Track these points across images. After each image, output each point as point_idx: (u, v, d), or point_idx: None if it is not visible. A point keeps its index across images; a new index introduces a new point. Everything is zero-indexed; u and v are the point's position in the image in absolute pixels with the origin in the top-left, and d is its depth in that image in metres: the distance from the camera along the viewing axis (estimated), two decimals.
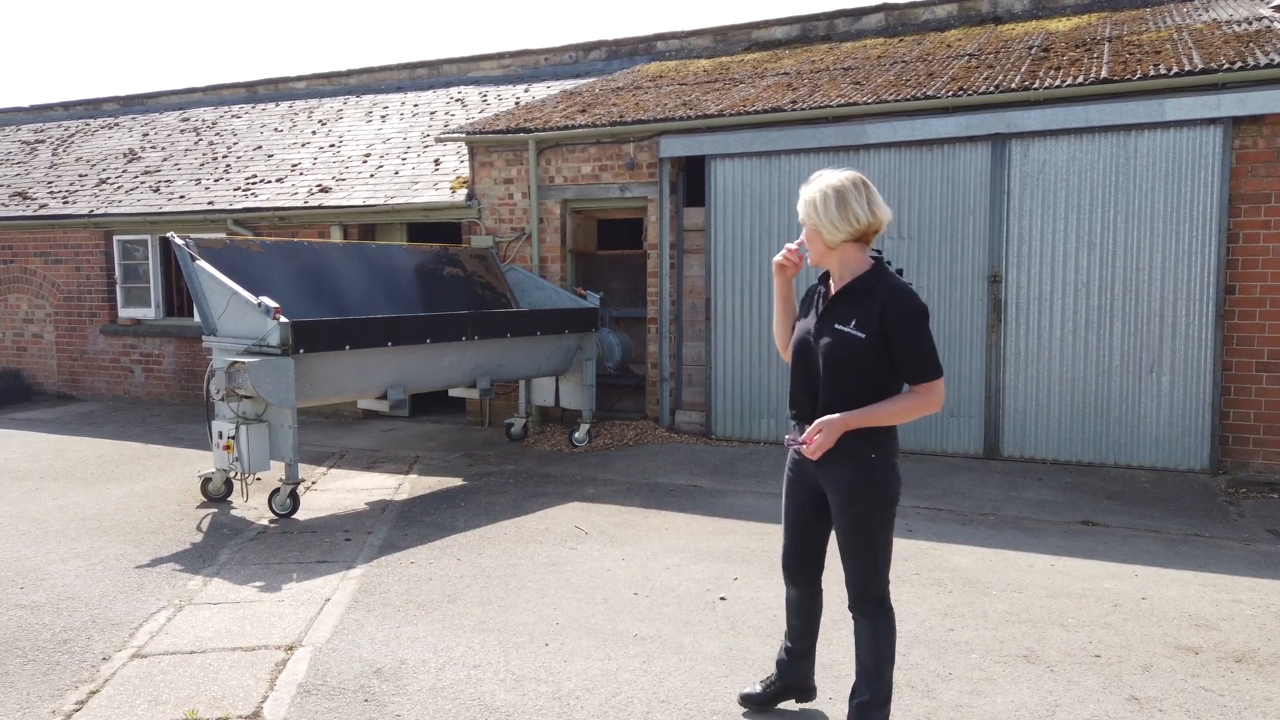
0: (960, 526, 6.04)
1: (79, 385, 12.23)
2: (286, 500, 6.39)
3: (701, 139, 8.58)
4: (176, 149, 13.83)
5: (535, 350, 8.28)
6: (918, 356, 2.83)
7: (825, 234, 2.91)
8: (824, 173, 2.99)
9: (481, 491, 7.06)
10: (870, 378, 2.86)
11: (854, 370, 2.86)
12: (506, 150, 9.56)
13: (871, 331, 2.82)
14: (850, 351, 2.85)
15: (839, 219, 2.88)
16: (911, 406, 2.84)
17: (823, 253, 2.97)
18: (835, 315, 2.93)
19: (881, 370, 2.85)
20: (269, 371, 6.10)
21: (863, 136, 7.96)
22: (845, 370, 2.86)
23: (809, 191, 2.97)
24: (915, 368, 2.84)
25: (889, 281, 2.89)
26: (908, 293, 2.86)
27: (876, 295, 2.85)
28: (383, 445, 9.01)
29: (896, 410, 2.84)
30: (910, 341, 2.81)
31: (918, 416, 2.86)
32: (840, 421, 2.83)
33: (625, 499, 6.77)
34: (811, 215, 2.94)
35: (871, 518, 2.92)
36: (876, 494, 2.91)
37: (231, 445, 6.36)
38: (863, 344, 2.83)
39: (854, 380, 2.86)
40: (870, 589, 2.99)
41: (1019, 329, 7.65)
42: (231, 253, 7.05)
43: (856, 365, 2.85)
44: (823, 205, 2.91)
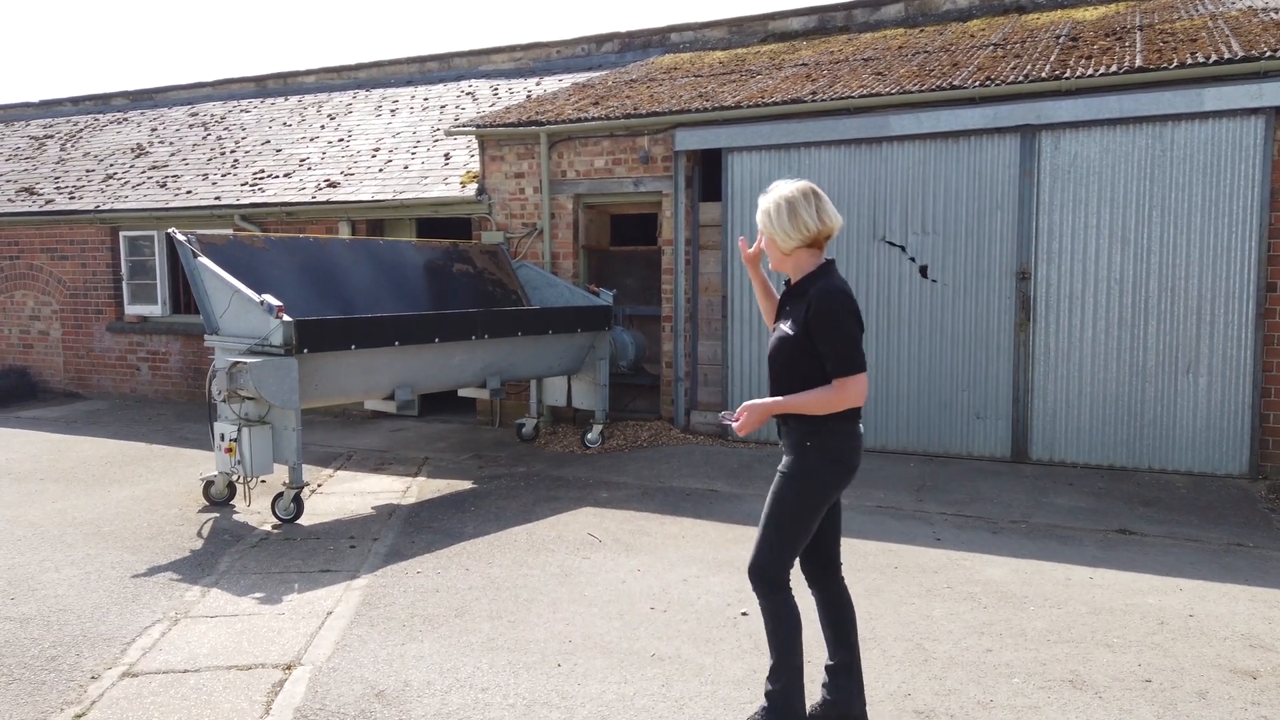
0: (991, 535, 5.77)
1: (85, 383, 12.08)
2: (290, 505, 6.19)
3: (718, 131, 8.32)
4: (184, 144, 13.66)
5: (547, 349, 8.05)
6: (833, 353, 2.98)
7: (779, 241, 3.10)
8: (779, 184, 3.16)
9: (491, 495, 6.84)
10: (803, 373, 3.03)
11: (788, 365, 3.07)
12: (518, 144, 9.32)
13: (799, 330, 3.02)
14: (784, 348, 3.07)
15: (790, 228, 3.06)
16: (827, 399, 2.98)
17: (780, 259, 3.16)
18: (782, 316, 3.16)
19: (808, 365, 3.02)
20: (272, 372, 5.89)
21: (885, 129, 7.68)
22: (781, 365, 3.09)
23: (765, 202, 3.14)
24: (831, 363, 2.99)
25: (821, 283, 3.06)
26: (830, 293, 3.01)
27: (808, 295, 3.04)
28: (391, 446, 8.80)
29: (813, 400, 2.99)
30: (826, 338, 2.98)
31: (836, 409, 2.99)
32: (762, 406, 3.05)
33: (640, 504, 6.54)
34: (766, 224, 3.12)
35: (787, 496, 3.07)
36: (802, 479, 3.05)
37: (234, 448, 6.16)
38: (791, 340, 3.05)
39: (789, 374, 3.06)
40: (763, 566, 3.11)
41: (1048, 328, 7.37)
42: (235, 249, 6.84)
43: (790, 361, 3.06)
44: (775, 215, 3.09)
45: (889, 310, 7.84)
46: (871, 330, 7.91)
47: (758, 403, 3.06)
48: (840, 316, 2.98)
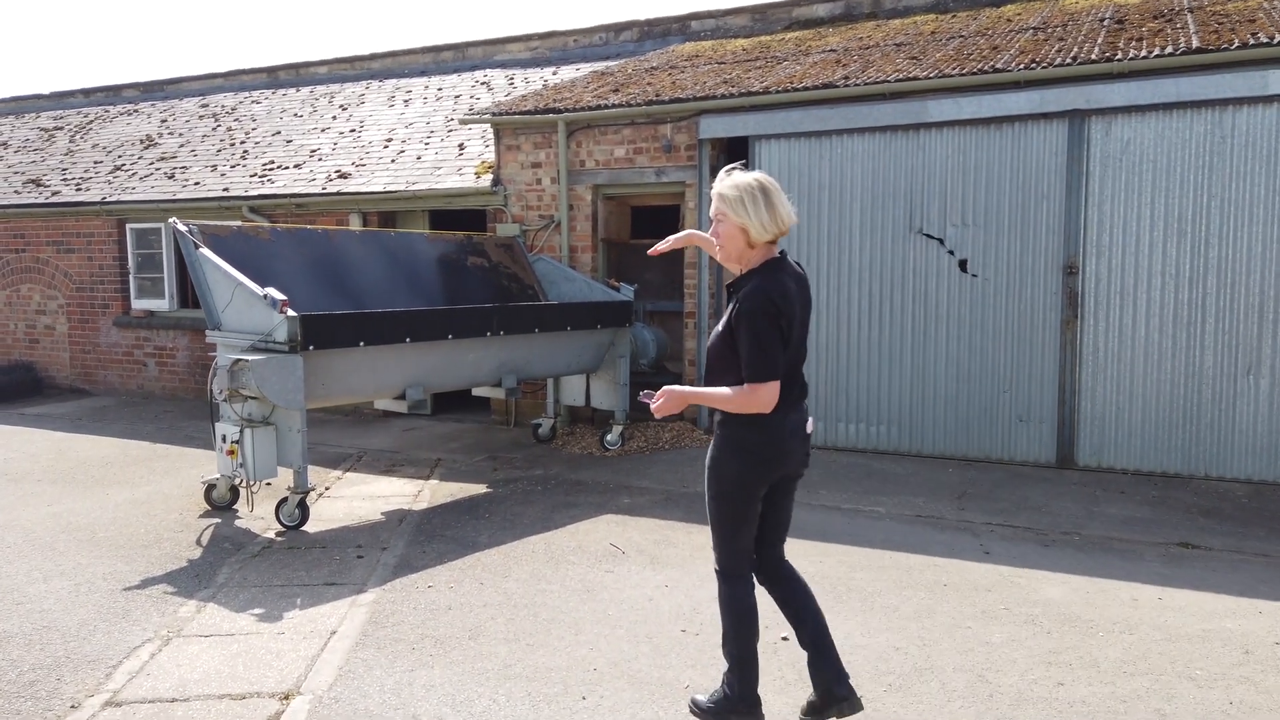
0: (1042, 549, 5.37)
1: (91, 379, 11.81)
2: (295, 510, 5.85)
3: (745, 118, 7.92)
4: (194, 135, 13.37)
5: (565, 346, 7.69)
6: (747, 357, 2.90)
7: (754, 232, 2.92)
8: (736, 170, 3.01)
9: (507, 501, 6.48)
10: (727, 369, 2.98)
11: (717, 360, 3.02)
12: (534, 132, 8.95)
13: (726, 327, 2.95)
14: (715, 343, 3.03)
15: (769, 220, 2.92)
16: (733, 399, 2.92)
17: (742, 251, 2.98)
18: (725, 309, 3.09)
19: (735, 364, 2.95)
20: (275, 370, 5.55)
21: (923, 114, 7.27)
22: (714, 361, 3.04)
23: (730, 188, 2.94)
24: (745, 367, 2.91)
25: (754, 282, 2.93)
26: (753, 293, 2.89)
27: (739, 293, 2.94)
28: (402, 446, 8.46)
29: (722, 398, 2.94)
30: (743, 341, 2.89)
31: (740, 410, 2.93)
32: (680, 394, 3.02)
33: (664, 511, 6.16)
34: (740, 213, 2.91)
35: (710, 487, 3.10)
36: (715, 468, 3.08)
37: (236, 450, 5.83)
38: (719, 338, 2.99)
39: (717, 370, 3.03)
40: (716, 556, 3.20)
41: (1098, 325, 6.94)
42: (239, 241, 6.51)
43: (718, 356, 3.01)
44: (752, 204, 2.91)
45: (926, 307, 7.43)
46: (907, 327, 7.50)
47: (677, 389, 3.03)
48: (757, 320, 2.87)
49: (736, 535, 3.11)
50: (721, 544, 3.15)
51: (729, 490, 3.06)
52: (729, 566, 3.15)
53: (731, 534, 3.11)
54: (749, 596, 3.15)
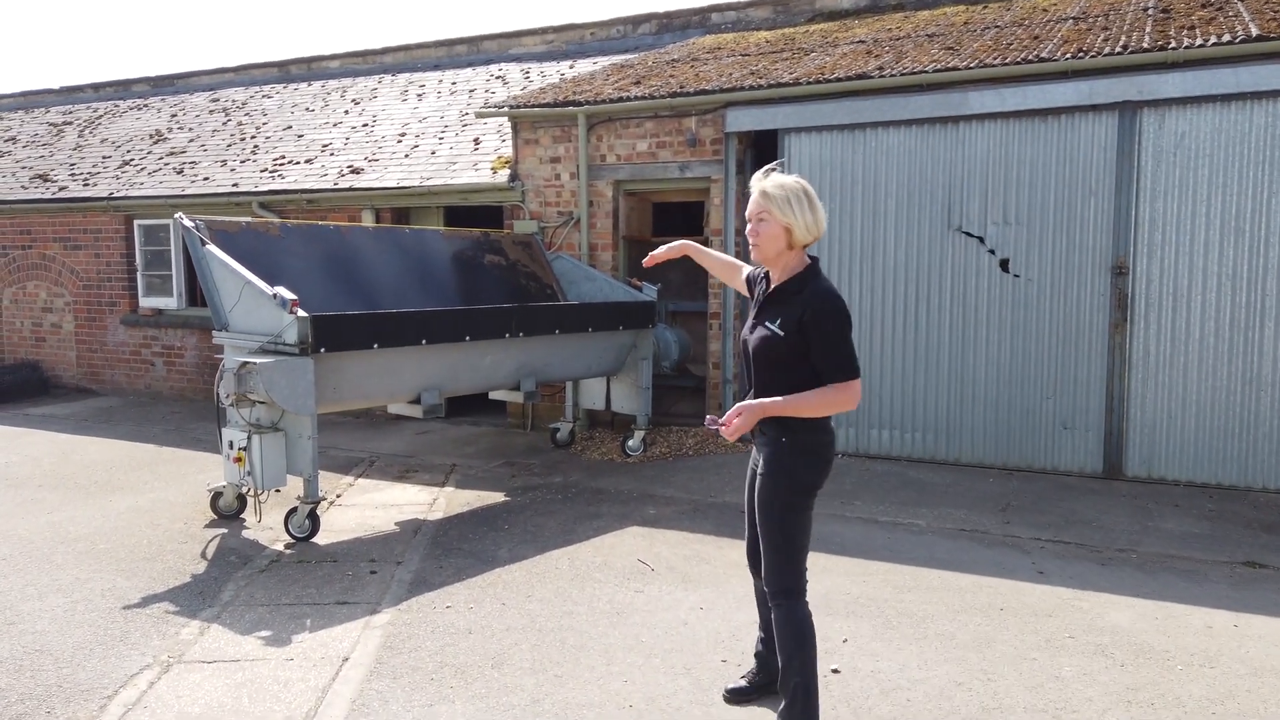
0: (1099, 567, 5.03)
1: (98, 378, 11.56)
2: (305, 521, 5.55)
3: (774, 111, 7.59)
4: (204, 130, 13.12)
5: (586, 348, 7.37)
6: (831, 356, 2.88)
7: (799, 233, 2.90)
8: (776, 172, 2.98)
9: (526, 510, 6.17)
10: (790, 373, 2.91)
11: (774, 365, 2.93)
12: (553, 126, 8.64)
13: (790, 330, 2.89)
14: (771, 349, 2.93)
15: (813, 222, 2.92)
16: (827, 400, 2.88)
17: (781, 251, 2.95)
18: (767, 313, 3.00)
19: (800, 367, 2.91)
20: (284, 374, 5.25)
21: (963, 106, 6.92)
22: (767, 365, 2.95)
23: (776, 188, 2.92)
24: (828, 367, 2.89)
25: (813, 284, 2.93)
26: (827, 295, 2.92)
27: (801, 296, 2.91)
28: (416, 450, 8.17)
29: (813, 402, 2.88)
30: (825, 342, 2.88)
31: (832, 410, 2.91)
32: (757, 407, 2.89)
33: (692, 523, 5.85)
34: (787, 212, 2.89)
35: (775, 501, 2.98)
36: (783, 478, 2.96)
37: (243, 457, 5.54)
38: (780, 342, 2.91)
39: (774, 375, 2.93)
40: (778, 579, 3.02)
41: (1149, 329, 6.59)
42: (248, 237, 6.22)
43: (776, 361, 2.93)
44: (799, 205, 2.90)
45: (964, 308, 7.08)
46: (945, 330, 7.16)
47: (752, 404, 2.90)
48: (842, 321, 2.89)
49: (805, 548, 3.05)
50: (793, 561, 3.02)
51: (801, 499, 2.99)
52: (798, 584, 3.04)
53: (802, 547, 3.03)
54: (810, 615, 3.07)
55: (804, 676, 2.99)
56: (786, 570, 3.01)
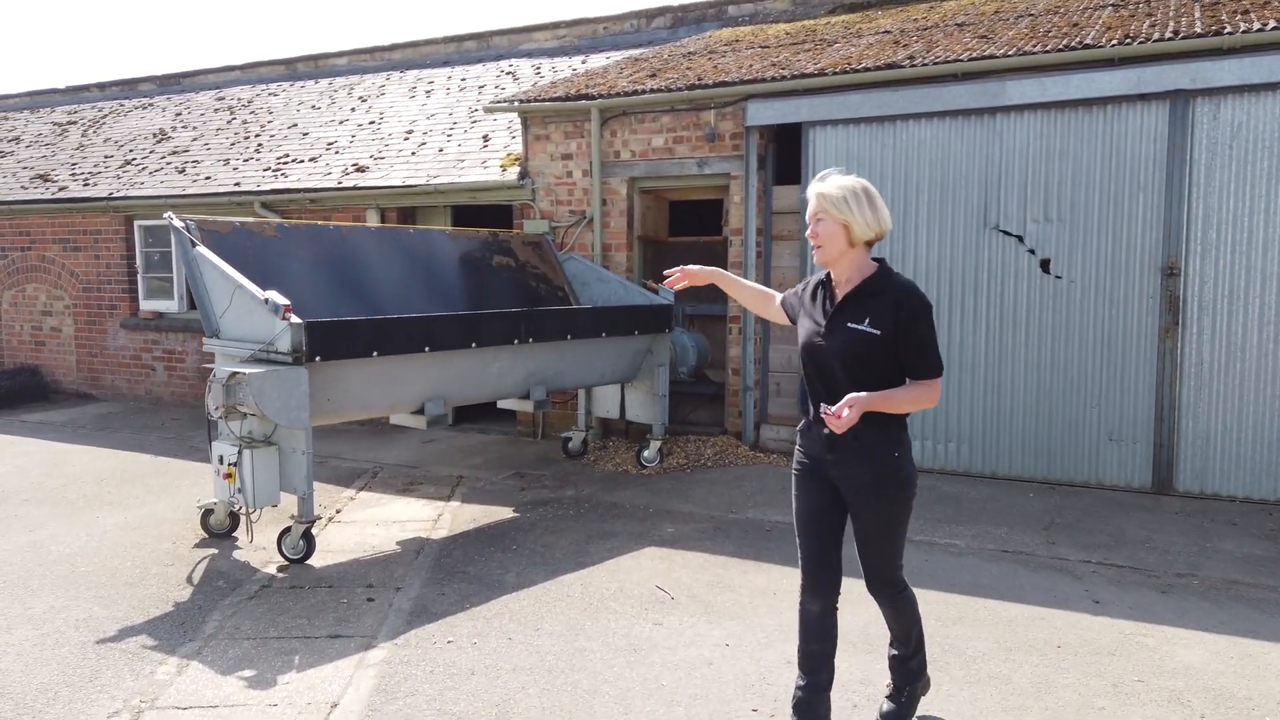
0: (1159, 595, 4.61)
1: (98, 384, 11.26)
2: (299, 542, 5.19)
3: (798, 103, 7.18)
4: (208, 128, 12.82)
5: (600, 354, 6.99)
6: (923, 352, 2.90)
7: (857, 230, 2.89)
8: (833, 172, 2.98)
9: (536, 528, 5.80)
10: (882, 373, 2.91)
11: (869, 366, 2.91)
12: (565, 121, 8.26)
13: (885, 328, 2.88)
14: (865, 349, 2.90)
15: (873, 219, 2.91)
16: (921, 397, 2.91)
17: (842, 251, 2.93)
18: (847, 315, 2.96)
19: (892, 366, 2.92)
20: (276, 385, 4.89)
21: (1001, 96, 6.50)
22: (861, 366, 2.92)
23: (834, 188, 2.91)
24: (919, 363, 2.91)
25: (896, 280, 2.96)
26: (915, 291, 2.94)
27: (888, 293, 2.90)
28: (421, 460, 7.81)
29: (910, 398, 2.90)
30: (919, 338, 2.88)
31: (924, 406, 2.94)
32: (865, 399, 2.84)
33: (713, 543, 5.45)
34: (844, 211, 2.89)
35: (897, 512, 3.02)
36: (901, 489, 2.99)
37: (233, 473, 5.18)
38: (877, 341, 2.89)
39: (869, 375, 2.91)
40: (887, 575, 3.11)
41: (1202, 334, 6.15)
42: (241, 238, 5.87)
43: (871, 361, 2.91)
44: (855, 202, 2.89)
45: (1002, 311, 6.66)
46: (981, 335, 6.74)
47: (860, 396, 2.84)
48: (930, 317, 2.92)
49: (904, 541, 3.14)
50: (899, 553, 3.11)
51: (911, 492, 3.03)
52: (901, 573, 3.17)
53: (905, 536, 3.12)
54: None
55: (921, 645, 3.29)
56: (897, 562, 3.11)
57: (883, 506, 2.98)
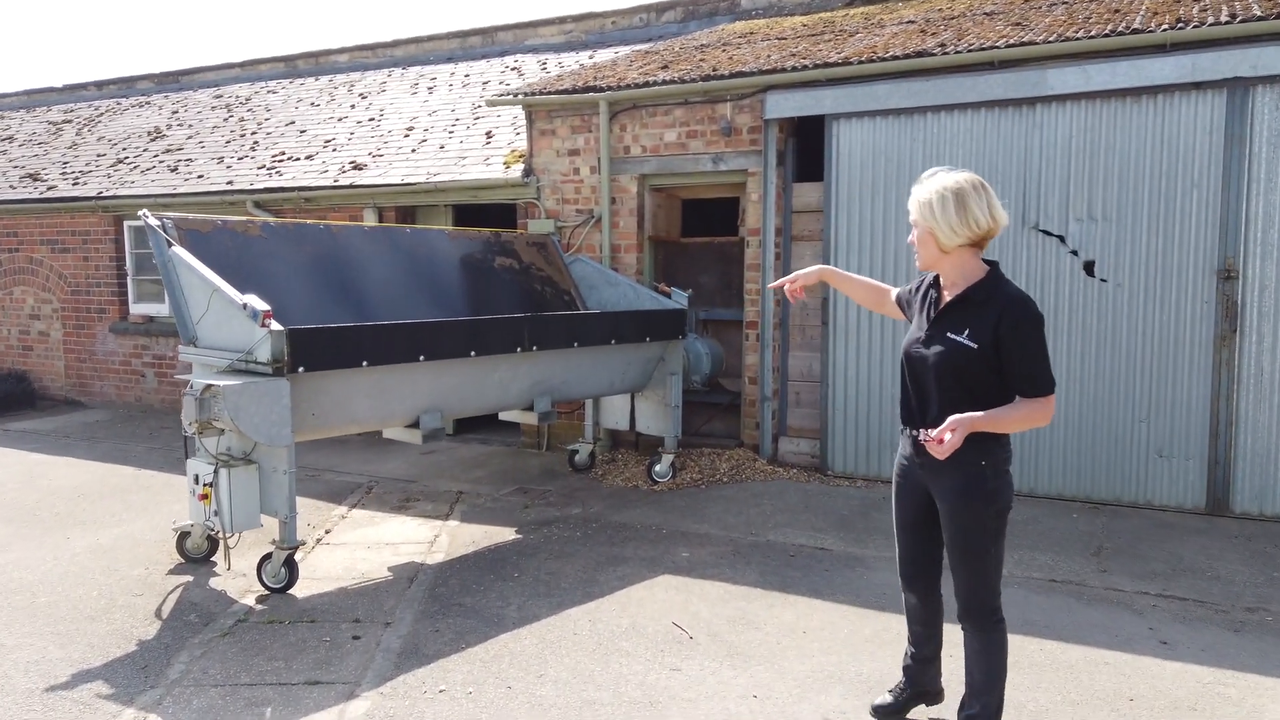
0: (1232, 635, 4.14)
1: (87, 390, 10.85)
2: (280, 570, 4.75)
3: (821, 94, 6.73)
4: (204, 126, 12.42)
5: (609, 362, 6.55)
6: (1033, 368, 2.71)
7: (942, 238, 2.76)
8: (939, 171, 2.82)
9: (540, 552, 5.35)
10: (980, 390, 2.75)
11: (964, 381, 2.76)
12: (572, 114, 7.82)
13: (985, 342, 2.72)
14: (963, 362, 2.75)
15: (958, 223, 2.74)
16: (1032, 415, 2.72)
17: (936, 257, 2.84)
18: (948, 324, 2.83)
19: (991, 382, 2.75)
20: (254, 398, 4.45)
21: (1041, 86, 6.04)
22: (956, 381, 2.77)
23: (924, 192, 2.81)
24: (1029, 380, 2.71)
25: (1005, 289, 2.78)
26: (1025, 300, 2.74)
27: (993, 303, 2.74)
28: (419, 474, 7.37)
29: (1019, 417, 2.73)
30: (1026, 352, 2.70)
31: (1036, 424, 2.75)
32: (968, 421, 2.68)
33: (734, 569, 5.00)
34: (928, 217, 2.78)
35: (983, 526, 2.84)
36: (987, 502, 2.81)
37: (209, 494, 4.75)
38: (975, 354, 2.73)
39: (964, 392, 2.76)
40: (981, 599, 2.91)
41: (1262, 342, 5.68)
42: (223, 238, 5.44)
43: (967, 376, 2.75)
44: (940, 207, 2.75)
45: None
46: None
47: (964, 417, 2.70)
48: (1041, 327, 2.75)
49: (1002, 563, 2.94)
50: (997, 581, 2.92)
51: (1006, 518, 2.87)
52: (999, 603, 2.94)
53: (1001, 564, 2.92)
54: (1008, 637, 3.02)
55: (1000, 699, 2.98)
56: (993, 590, 2.92)
57: (967, 519, 2.83)
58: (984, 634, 2.91)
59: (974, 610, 2.91)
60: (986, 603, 2.90)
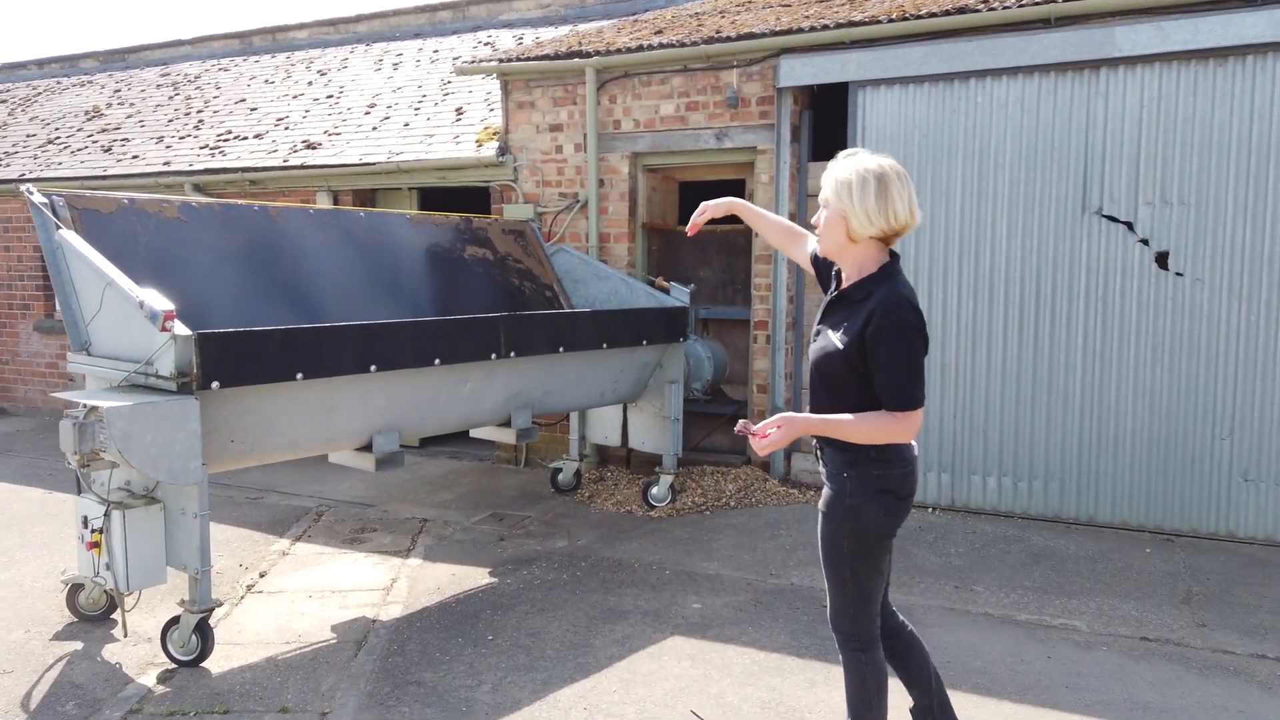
0: None
1: (10, 395, 9.74)
2: (191, 638, 3.76)
3: (844, 58, 5.81)
4: (146, 105, 11.31)
5: (599, 370, 5.60)
6: (889, 378, 2.44)
7: (854, 224, 2.46)
8: (859, 152, 2.52)
9: (520, 603, 4.40)
10: (845, 396, 2.51)
11: (831, 383, 2.54)
12: (554, 84, 6.85)
13: (850, 343, 2.47)
14: (828, 363, 2.53)
15: (876, 211, 2.44)
16: (881, 428, 2.45)
17: (841, 245, 2.53)
18: (830, 320, 2.59)
19: (859, 386, 2.49)
20: (149, 424, 3.46)
21: (1107, 46, 5.15)
22: (823, 383, 2.57)
23: (842, 170, 2.50)
24: (885, 390, 2.45)
25: (886, 288, 2.48)
26: (894, 305, 2.44)
27: (869, 303, 2.47)
28: (378, 496, 6.38)
29: (864, 429, 2.45)
30: (888, 362, 2.43)
31: (883, 440, 2.47)
32: (801, 421, 2.50)
33: (757, 628, 4.08)
34: (844, 198, 2.47)
35: (836, 545, 2.58)
36: (844, 519, 2.55)
37: (100, 541, 3.75)
38: (838, 357, 2.50)
39: (829, 396, 2.54)
40: (839, 621, 2.66)
41: None
42: (128, 219, 4.44)
43: (832, 380, 2.54)
44: (860, 190, 2.45)
45: (1105, 317, 5.32)
46: (1077, 346, 5.40)
47: (797, 417, 2.49)
48: (910, 338, 2.43)
49: (876, 594, 2.61)
50: (859, 609, 2.61)
51: (872, 543, 2.55)
52: (867, 631, 2.64)
53: (871, 594, 2.60)
54: (884, 660, 2.67)
55: None
56: (854, 618, 2.62)
57: (824, 532, 2.59)
58: (844, 653, 2.68)
59: (835, 631, 2.69)
60: (842, 627, 2.66)
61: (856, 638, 2.63)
